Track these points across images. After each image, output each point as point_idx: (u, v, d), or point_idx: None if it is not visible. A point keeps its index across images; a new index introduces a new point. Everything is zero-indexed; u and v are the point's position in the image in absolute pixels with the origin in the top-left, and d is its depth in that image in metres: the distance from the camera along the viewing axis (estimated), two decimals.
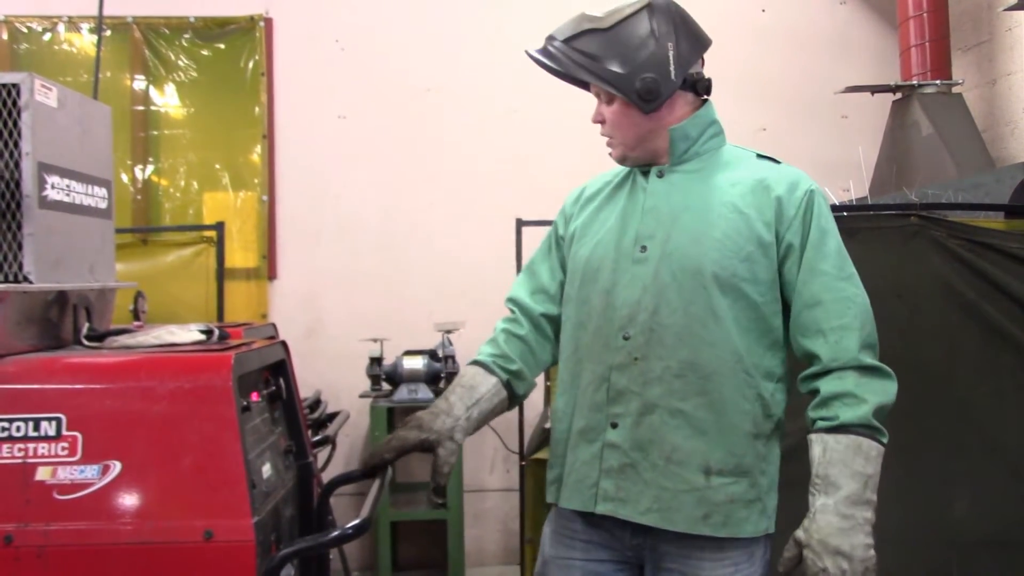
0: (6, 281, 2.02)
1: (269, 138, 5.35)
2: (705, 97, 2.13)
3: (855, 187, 4.82)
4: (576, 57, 2.01)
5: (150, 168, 5.39)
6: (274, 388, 2.40)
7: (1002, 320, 3.06)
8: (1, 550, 1.79)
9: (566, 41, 2.03)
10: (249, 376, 2.15)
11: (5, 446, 1.85)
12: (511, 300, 2.26)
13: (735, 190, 2.03)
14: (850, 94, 5.34)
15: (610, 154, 2.13)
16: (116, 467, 1.85)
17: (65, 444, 1.85)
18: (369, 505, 2.14)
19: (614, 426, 2.00)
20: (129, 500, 1.84)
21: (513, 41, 2.51)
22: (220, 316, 4.69)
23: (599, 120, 2.11)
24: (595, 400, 2.03)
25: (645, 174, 2.12)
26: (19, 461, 1.84)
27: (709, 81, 2.11)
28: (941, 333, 3.04)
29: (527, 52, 2.07)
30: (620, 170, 2.20)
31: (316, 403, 4.17)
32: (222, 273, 4.78)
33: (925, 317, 3.04)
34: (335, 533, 1.99)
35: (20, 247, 2.03)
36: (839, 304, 1.95)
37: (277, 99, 5.36)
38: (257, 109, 5.36)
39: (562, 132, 5.22)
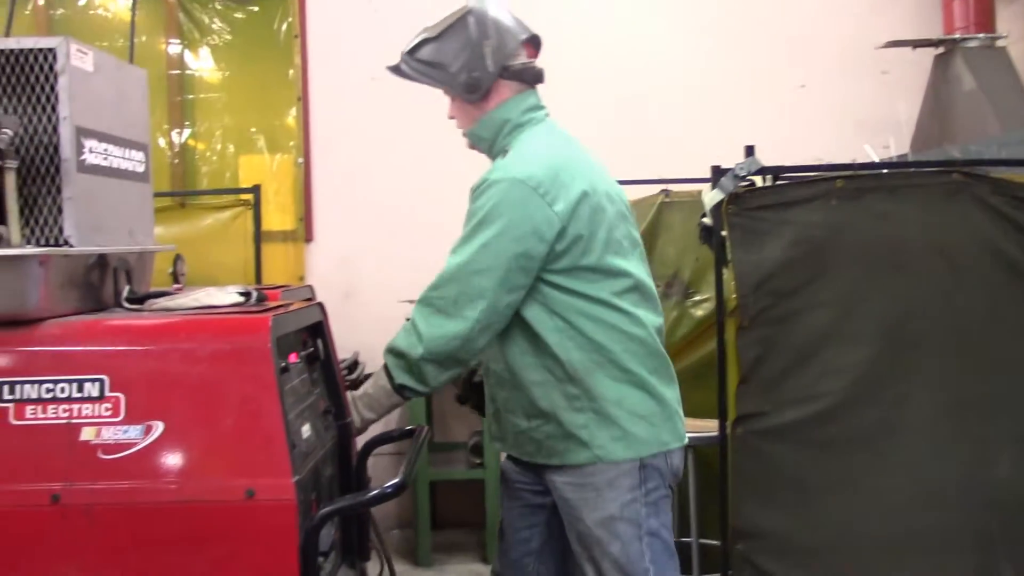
0: (47, 245, 2.04)
1: (303, 100, 5.35)
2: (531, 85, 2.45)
3: (896, 144, 4.74)
4: (416, 66, 2.44)
5: (186, 132, 5.41)
6: (312, 349, 2.42)
7: None
8: (48, 508, 1.83)
9: (410, 53, 2.45)
10: (287, 337, 2.16)
11: (51, 407, 1.88)
12: None
13: None
14: (891, 49, 5.23)
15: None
16: (158, 427, 1.87)
17: (108, 405, 1.88)
18: (407, 465, 2.16)
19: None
20: (172, 460, 1.86)
21: (543, 3, 2.50)
22: (258, 278, 4.73)
23: (451, 116, 2.50)
24: None
25: None
26: (64, 421, 1.87)
27: (535, 70, 2.44)
28: (984, 291, 3.00)
29: (386, 68, 2.50)
30: None
31: (354, 364, 4.20)
32: (259, 236, 4.81)
33: (967, 276, 3.00)
34: (375, 492, 2.01)
35: (60, 211, 2.05)
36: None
37: (311, 61, 5.36)
38: (291, 72, 5.36)
39: (590, 98, 5.18)
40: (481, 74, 2.37)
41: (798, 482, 3.02)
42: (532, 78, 2.44)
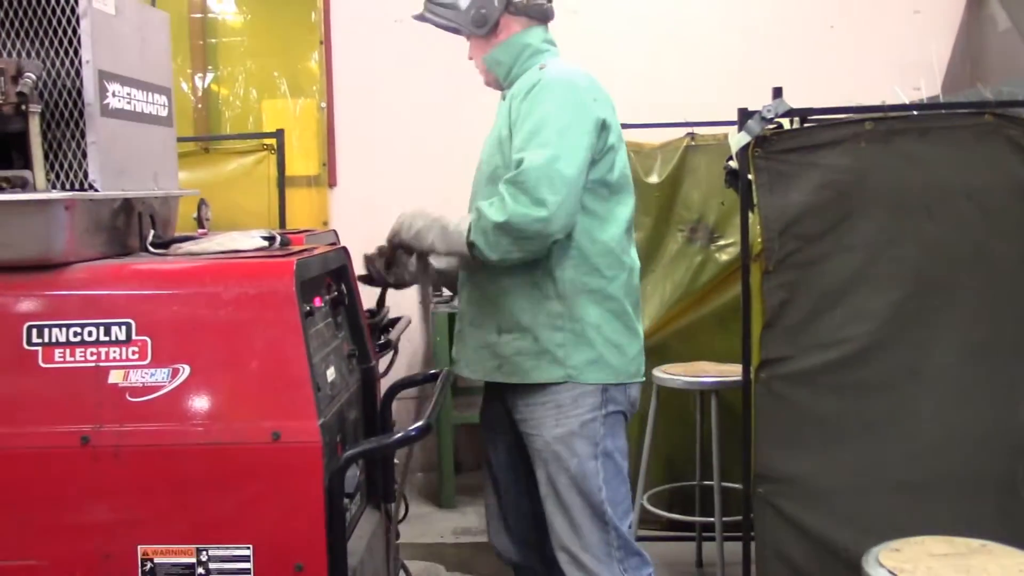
0: (72, 189, 2.05)
1: (326, 44, 5.31)
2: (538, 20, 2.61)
3: (926, 86, 4.66)
4: (436, 10, 2.62)
5: (209, 76, 5.39)
6: (336, 293, 2.43)
7: None
8: (79, 450, 1.86)
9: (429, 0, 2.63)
10: (312, 282, 2.17)
11: (79, 350, 1.90)
12: None
13: (504, 102, 2.56)
14: None
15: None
16: (185, 370, 1.89)
17: (135, 348, 1.90)
18: (431, 408, 2.18)
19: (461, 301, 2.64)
20: (198, 402, 1.89)
21: None
22: (282, 223, 4.73)
23: (470, 57, 2.67)
24: None
25: None
26: (92, 365, 1.90)
27: (542, 7, 2.61)
28: (1014, 235, 2.95)
29: (412, 16, 2.67)
30: None
31: (381, 301, 4.21)
32: (283, 181, 4.80)
33: (998, 219, 2.95)
34: (399, 435, 2.03)
35: (84, 155, 2.05)
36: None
37: (333, 4, 5.30)
38: (313, 15, 5.31)
39: (614, 39, 5.11)
40: (488, 9, 2.54)
41: (821, 426, 3.02)
42: (540, 14, 2.61)
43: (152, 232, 2.31)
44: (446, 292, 4.91)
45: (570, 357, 2.45)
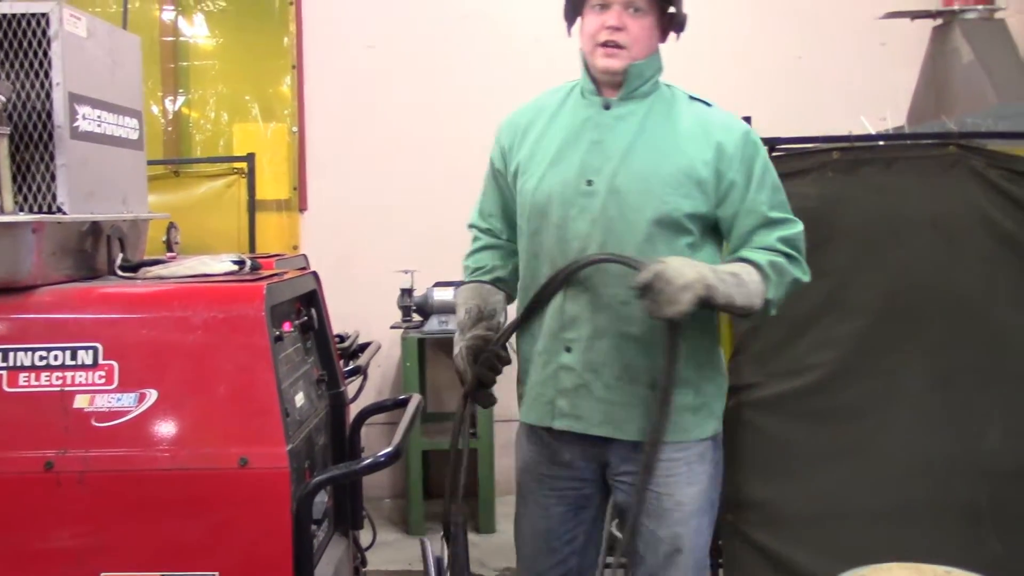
0: (40, 212, 2.03)
1: (298, 69, 5.31)
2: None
3: (892, 116, 4.73)
4: None
5: (180, 100, 5.38)
6: (306, 318, 2.42)
7: None
8: (43, 475, 1.84)
9: None
10: (281, 306, 2.16)
11: (44, 374, 1.88)
12: (470, 226, 2.57)
13: (678, 130, 2.24)
14: (890, 20, 5.20)
15: (608, 62, 2.25)
16: (152, 395, 1.88)
17: (102, 373, 1.88)
18: (400, 434, 2.17)
19: (568, 350, 2.22)
20: (165, 428, 1.87)
21: None
22: (252, 247, 4.72)
23: (621, 26, 2.23)
24: (551, 326, 2.25)
25: (585, 104, 2.30)
26: (57, 389, 1.88)
27: None
28: (978, 264, 3.00)
29: None
30: (550, 98, 2.39)
31: (347, 334, 4.20)
32: (253, 204, 4.79)
33: (962, 248, 3.00)
34: (367, 461, 2.02)
35: (53, 178, 2.04)
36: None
37: (306, 29, 5.31)
38: (286, 39, 5.31)
39: None
40: (683, 17, 2.32)
41: (789, 454, 3.04)
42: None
43: (121, 255, 2.29)
44: (416, 317, 4.90)
45: (716, 409, 2.29)
